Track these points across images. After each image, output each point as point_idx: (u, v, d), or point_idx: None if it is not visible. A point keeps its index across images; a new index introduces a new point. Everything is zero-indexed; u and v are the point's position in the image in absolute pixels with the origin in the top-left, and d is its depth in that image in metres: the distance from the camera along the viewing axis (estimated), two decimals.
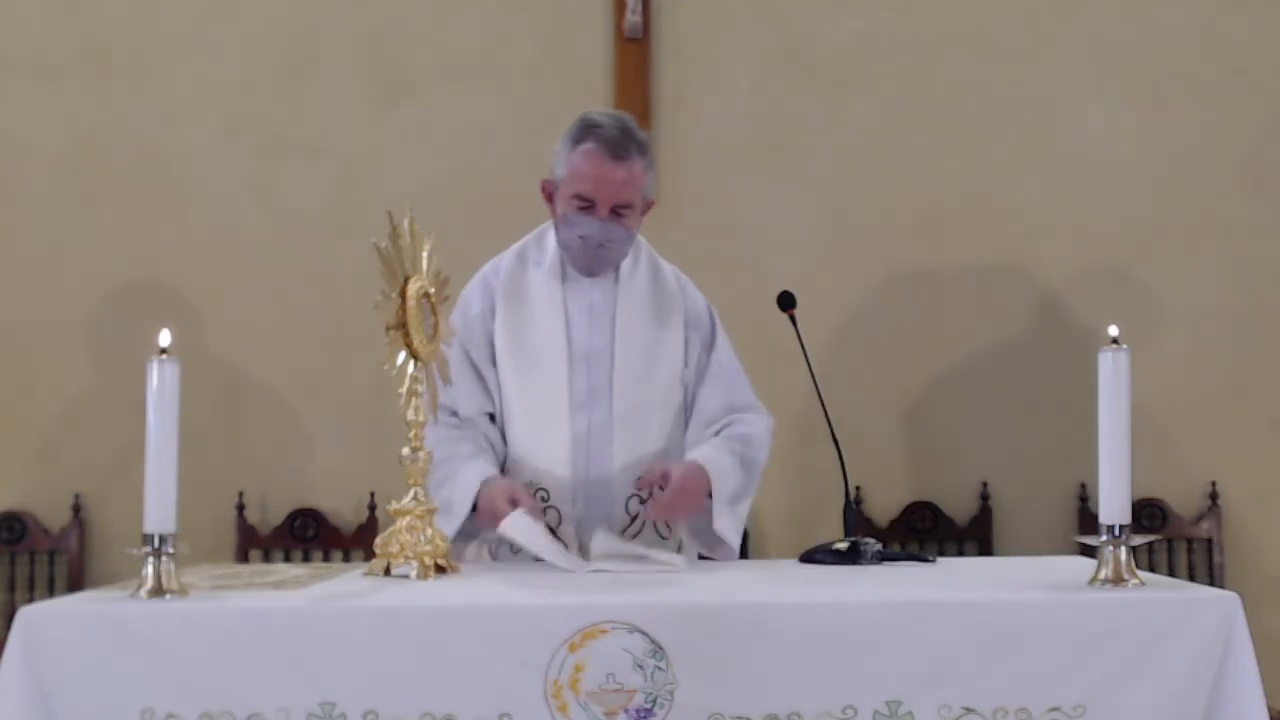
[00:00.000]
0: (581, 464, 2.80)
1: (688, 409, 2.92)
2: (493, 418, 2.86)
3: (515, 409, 2.83)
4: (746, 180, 4.42)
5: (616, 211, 2.78)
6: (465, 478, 2.72)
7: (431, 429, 2.60)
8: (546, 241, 2.94)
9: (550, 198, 2.87)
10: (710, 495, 2.75)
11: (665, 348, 2.89)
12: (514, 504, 2.63)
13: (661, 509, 2.72)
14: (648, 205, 2.88)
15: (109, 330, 4.29)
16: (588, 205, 2.78)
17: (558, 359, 2.82)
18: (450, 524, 2.67)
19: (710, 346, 2.96)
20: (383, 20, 4.44)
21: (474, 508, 2.70)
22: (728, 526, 2.79)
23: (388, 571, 2.42)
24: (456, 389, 2.78)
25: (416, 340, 2.46)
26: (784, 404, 4.19)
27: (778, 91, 4.44)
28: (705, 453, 2.78)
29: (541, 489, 2.78)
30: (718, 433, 2.87)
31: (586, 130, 2.78)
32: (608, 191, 2.76)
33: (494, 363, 2.85)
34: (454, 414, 2.84)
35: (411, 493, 2.47)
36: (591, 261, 2.85)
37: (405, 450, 2.49)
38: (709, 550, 2.87)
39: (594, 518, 2.77)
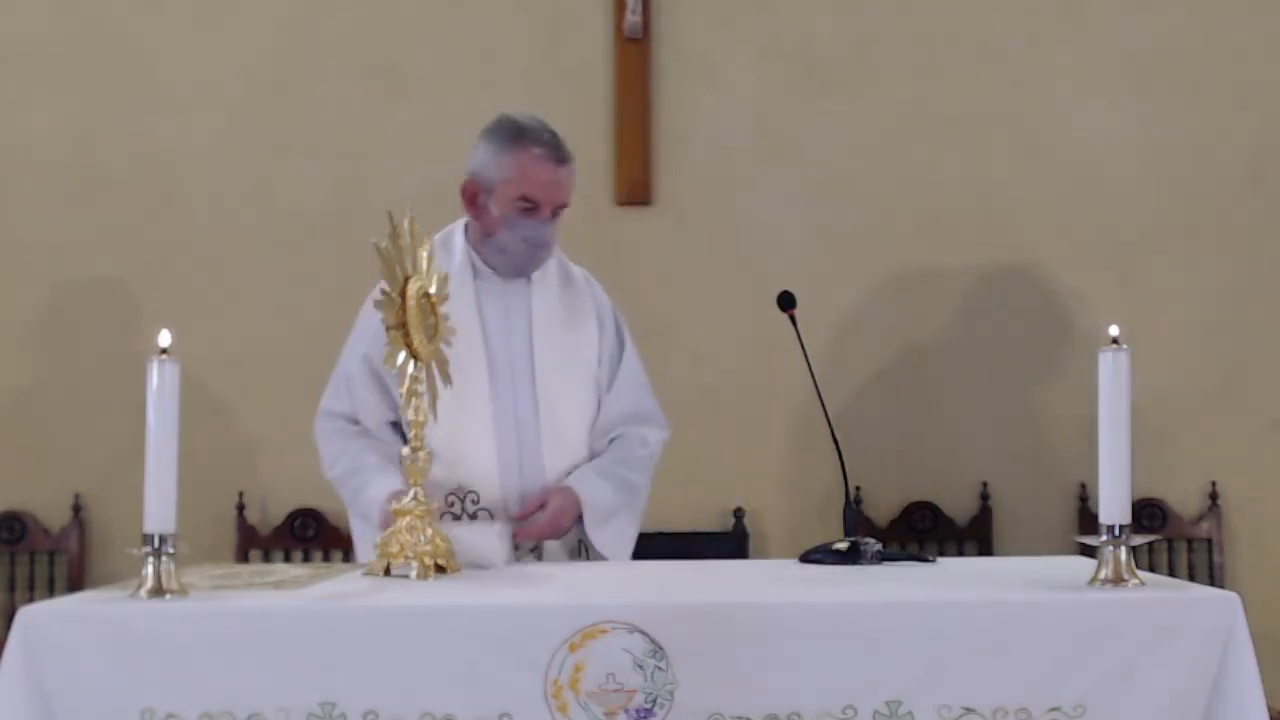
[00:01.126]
0: (511, 468, 2.83)
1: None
2: (395, 426, 2.85)
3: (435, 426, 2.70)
4: (746, 180, 4.42)
5: (554, 213, 2.86)
6: (374, 490, 2.74)
7: (333, 438, 2.71)
8: (453, 243, 2.94)
9: (473, 200, 2.89)
10: (581, 518, 2.82)
11: (580, 349, 2.94)
12: None
13: (528, 534, 2.78)
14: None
15: (109, 330, 4.29)
16: (532, 207, 2.82)
17: (477, 363, 2.83)
18: (369, 533, 2.69)
19: (618, 352, 3.00)
20: (383, 20, 4.44)
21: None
22: (606, 542, 2.86)
23: (388, 571, 2.42)
24: (358, 399, 2.84)
25: (416, 340, 2.46)
26: (784, 404, 4.24)
27: (778, 91, 4.44)
28: (580, 478, 2.84)
29: (472, 492, 2.80)
30: (610, 441, 2.93)
31: (522, 133, 2.84)
32: (553, 194, 2.83)
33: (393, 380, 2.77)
34: (354, 422, 2.87)
35: (411, 493, 2.47)
36: (527, 263, 2.88)
37: (405, 450, 2.49)
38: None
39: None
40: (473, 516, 2.78)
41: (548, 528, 2.78)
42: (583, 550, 2.91)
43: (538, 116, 2.92)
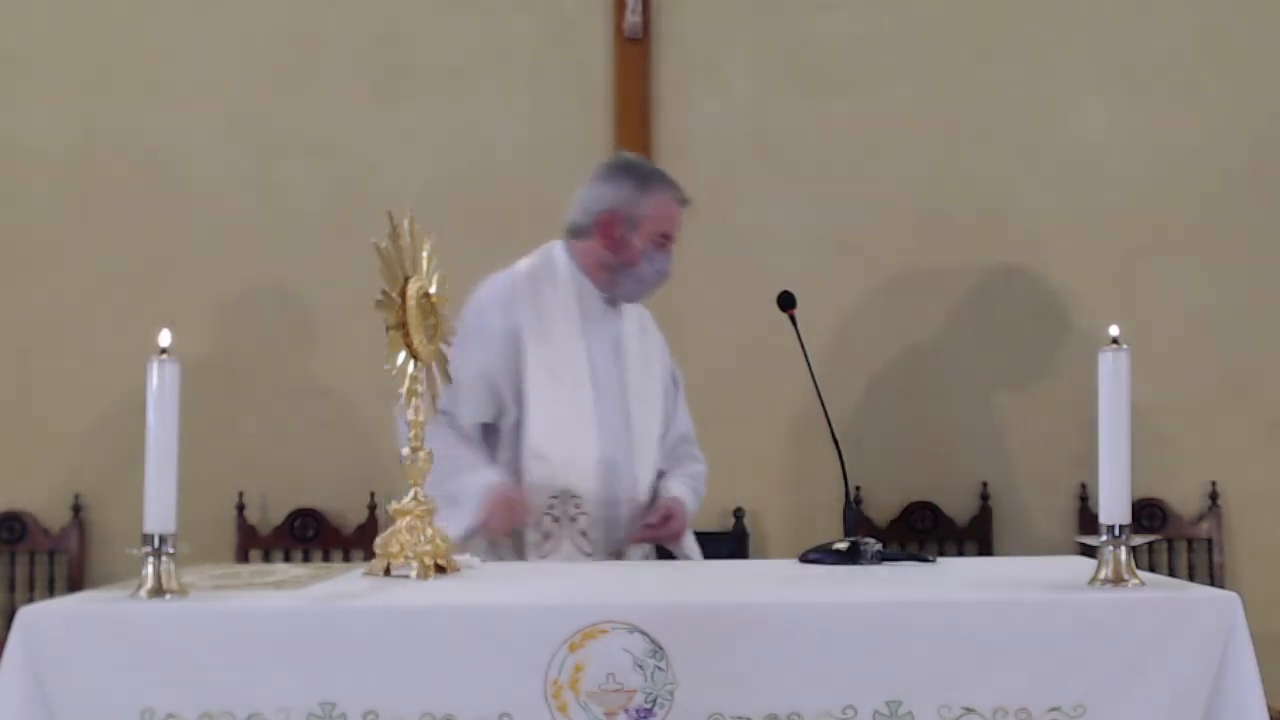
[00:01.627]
0: (609, 472, 3.05)
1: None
2: (486, 429, 3.06)
3: (540, 424, 3.02)
4: (746, 180, 4.42)
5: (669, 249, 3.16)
6: (474, 479, 2.93)
7: (432, 426, 2.65)
8: (555, 265, 3.16)
9: (611, 231, 3.10)
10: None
11: (654, 375, 3.22)
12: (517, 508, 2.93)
13: (658, 536, 3.09)
14: None
15: (109, 330, 4.29)
16: (665, 243, 3.13)
17: (581, 376, 3.07)
18: (458, 520, 2.82)
19: (677, 382, 3.32)
20: (383, 20, 4.44)
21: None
22: (691, 546, 3.17)
23: (388, 571, 2.42)
24: (461, 395, 2.91)
25: (416, 340, 2.46)
26: (784, 404, 4.23)
27: (778, 91, 4.44)
28: (678, 490, 3.16)
29: (576, 496, 3.00)
30: (679, 456, 3.27)
31: (660, 177, 3.18)
32: (677, 232, 3.16)
33: (513, 379, 3.03)
34: (451, 416, 2.97)
35: (411, 493, 2.47)
36: (650, 292, 3.19)
37: (405, 450, 2.49)
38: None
39: (614, 523, 3.05)
40: (572, 519, 2.99)
41: (669, 535, 3.08)
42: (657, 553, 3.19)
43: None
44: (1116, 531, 2.21)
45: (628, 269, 3.11)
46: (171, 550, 2.13)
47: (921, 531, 4.35)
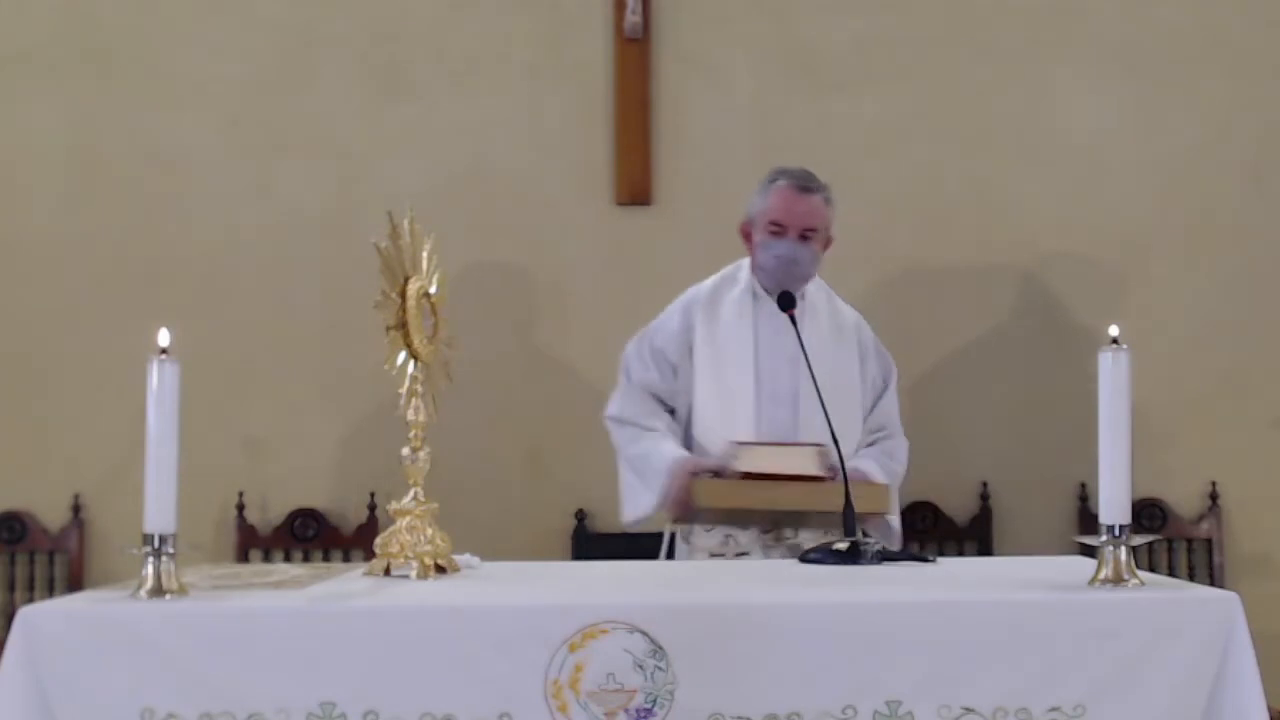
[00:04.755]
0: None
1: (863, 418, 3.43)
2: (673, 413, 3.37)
3: (706, 409, 3.30)
4: (746, 180, 4.39)
5: (804, 235, 3.32)
6: (663, 450, 3.26)
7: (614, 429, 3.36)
8: (739, 275, 3.44)
9: (748, 237, 3.40)
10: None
11: (839, 374, 3.33)
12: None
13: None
14: (828, 240, 3.39)
15: (109, 330, 4.29)
16: (780, 230, 3.32)
17: (745, 371, 3.30)
18: (637, 485, 3.27)
19: (888, 380, 3.51)
20: (383, 20, 4.43)
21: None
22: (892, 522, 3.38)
23: (388, 571, 2.42)
24: (643, 383, 3.37)
25: (416, 340, 2.47)
26: None
27: (778, 91, 4.43)
28: (867, 466, 3.28)
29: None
30: (873, 443, 3.42)
31: (778, 173, 3.39)
32: (796, 218, 3.32)
33: (683, 369, 3.35)
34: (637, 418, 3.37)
35: (411, 493, 2.47)
36: (784, 278, 3.31)
37: (405, 450, 2.49)
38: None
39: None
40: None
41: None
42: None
43: (806, 168, 3.41)
44: (1116, 531, 2.21)
45: (757, 265, 3.38)
46: (171, 550, 2.13)
47: (921, 531, 4.34)
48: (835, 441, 2.99)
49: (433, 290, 2.56)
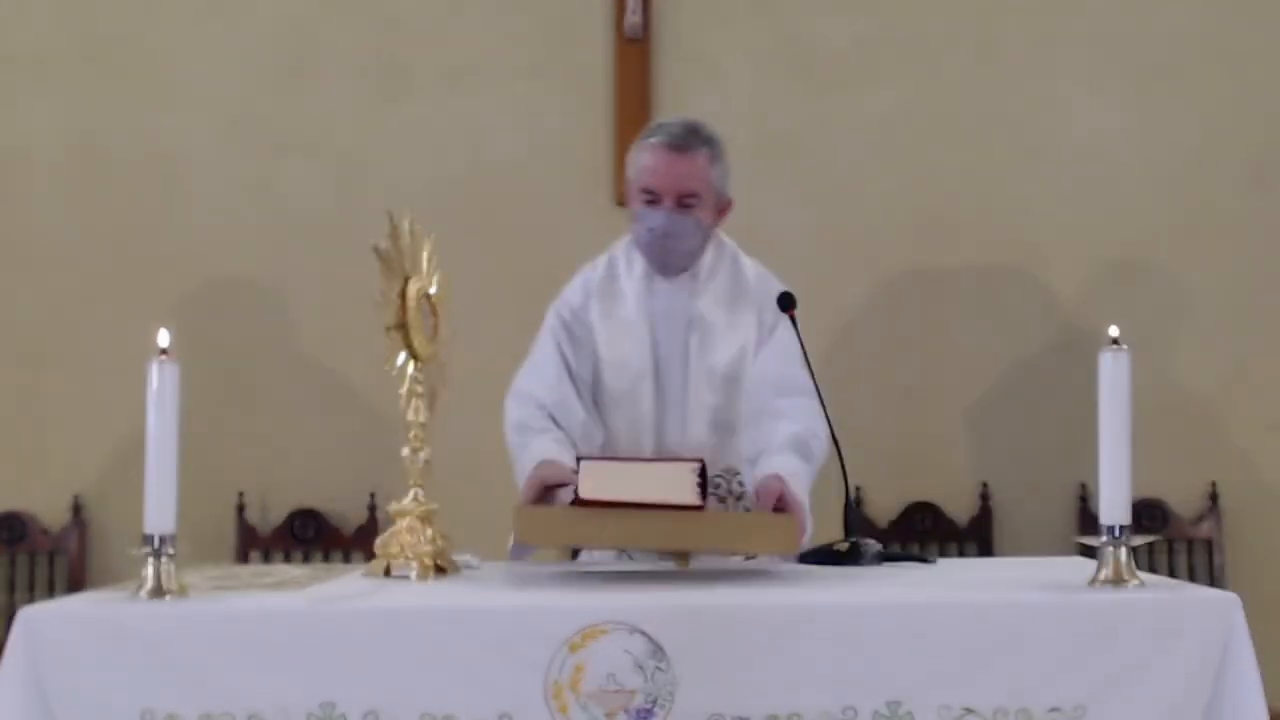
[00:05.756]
0: (661, 448, 2.89)
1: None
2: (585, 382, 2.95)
3: (603, 401, 2.94)
4: (746, 180, 4.39)
5: (682, 203, 2.85)
6: (529, 455, 2.80)
7: (510, 402, 2.91)
8: (633, 248, 3.00)
9: (628, 201, 2.96)
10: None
11: (740, 347, 2.94)
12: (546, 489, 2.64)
13: None
14: (724, 203, 2.95)
15: (110, 330, 4.29)
16: (653, 198, 2.85)
17: (643, 358, 2.91)
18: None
19: (772, 330, 2.95)
20: (383, 20, 4.44)
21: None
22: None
23: (388, 572, 2.42)
24: (542, 374, 2.94)
25: (416, 340, 2.47)
26: None
27: (778, 91, 4.43)
28: (782, 467, 2.75)
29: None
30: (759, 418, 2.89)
31: (652, 129, 2.92)
32: (670, 182, 2.83)
33: (585, 349, 2.95)
34: (539, 405, 2.91)
35: (411, 493, 2.47)
36: (661, 253, 2.91)
37: (405, 450, 2.49)
38: None
39: None
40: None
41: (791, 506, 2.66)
42: None
43: (688, 116, 2.97)
44: (1116, 532, 2.21)
45: (634, 237, 2.95)
46: (171, 550, 2.13)
47: (921, 532, 4.35)
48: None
49: (433, 290, 2.56)
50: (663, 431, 2.92)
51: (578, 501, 2.36)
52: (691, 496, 2.35)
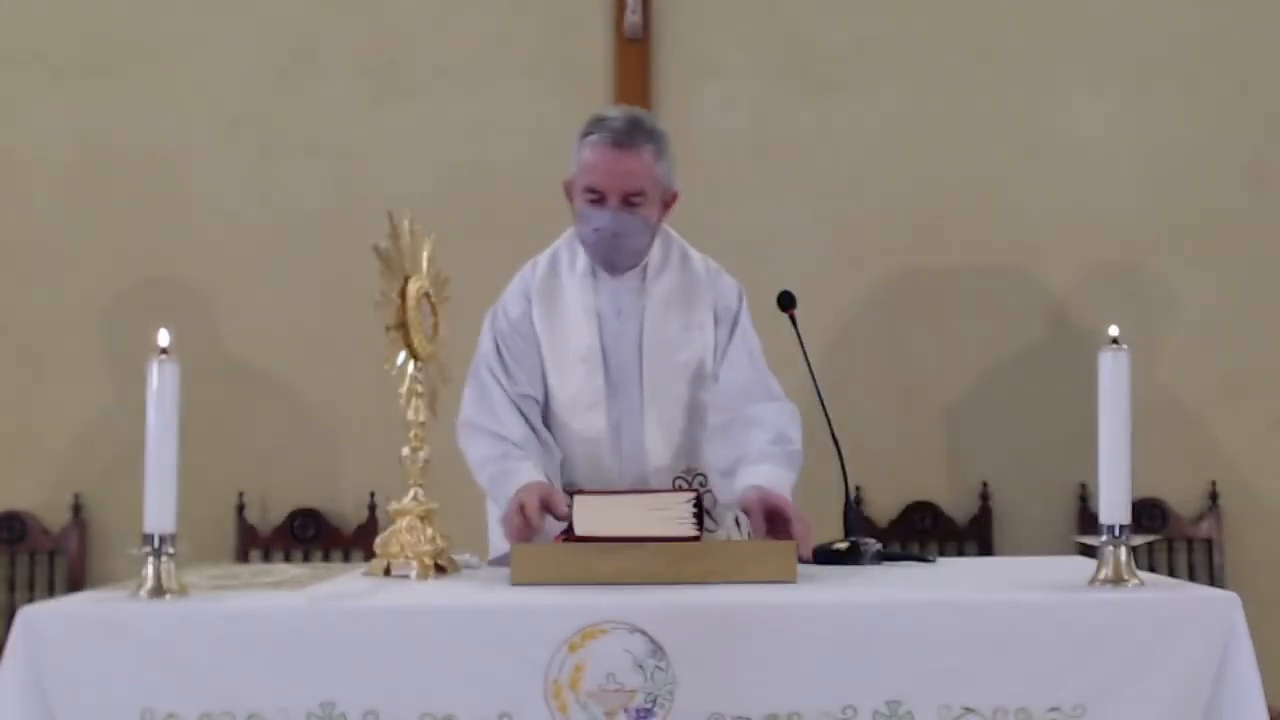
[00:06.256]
0: (615, 462, 2.84)
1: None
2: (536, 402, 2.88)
3: (554, 409, 2.87)
4: (746, 180, 4.42)
5: (628, 201, 2.77)
6: (507, 486, 2.71)
7: (467, 434, 2.80)
8: (577, 243, 2.92)
9: (571, 197, 2.86)
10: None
11: (692, 345, 2.88)
12: (527, 512, 2.57)
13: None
14: (669, 197, 2.86)
15: (109, 330, 4.29)
16: (598, 197, 2.77)
17: (590, 362, 2.85)
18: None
19: (733, 330, 2.92)
20: (383, 20, 4.44)
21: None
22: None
23: (388, 572, 2.42)
24: (492, 408, 2.83)
25: (416, 340, 2.47)
26: None
27: (778, 91, 4.43)
28: (762, 479, 2.71)
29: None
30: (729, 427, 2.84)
31: (593, 124, 2.80)
32: (615, 181, 2.75)
33: (528, 362, 2.87)
34: (499, 438, 2.81)
35: (411, 493, 2.47)
36: (609, 254, 2.84)
37: (405, 450, 2.49)
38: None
39: None
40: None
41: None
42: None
43: (630, 108, 2.90)
44: (1116, 531, 2.21)
45: (579, 236, 2.87)
46: (171, 550, 2.13)
47: (921, 531, 4.35)
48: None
49: (432, 290, 2.56)
50: (619, 434, 2.86)
51: (573, 537, 2.37)
52: (688, 528, 2.36)
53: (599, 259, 2.87)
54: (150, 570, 2.12)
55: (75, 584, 4.23)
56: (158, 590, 2.11)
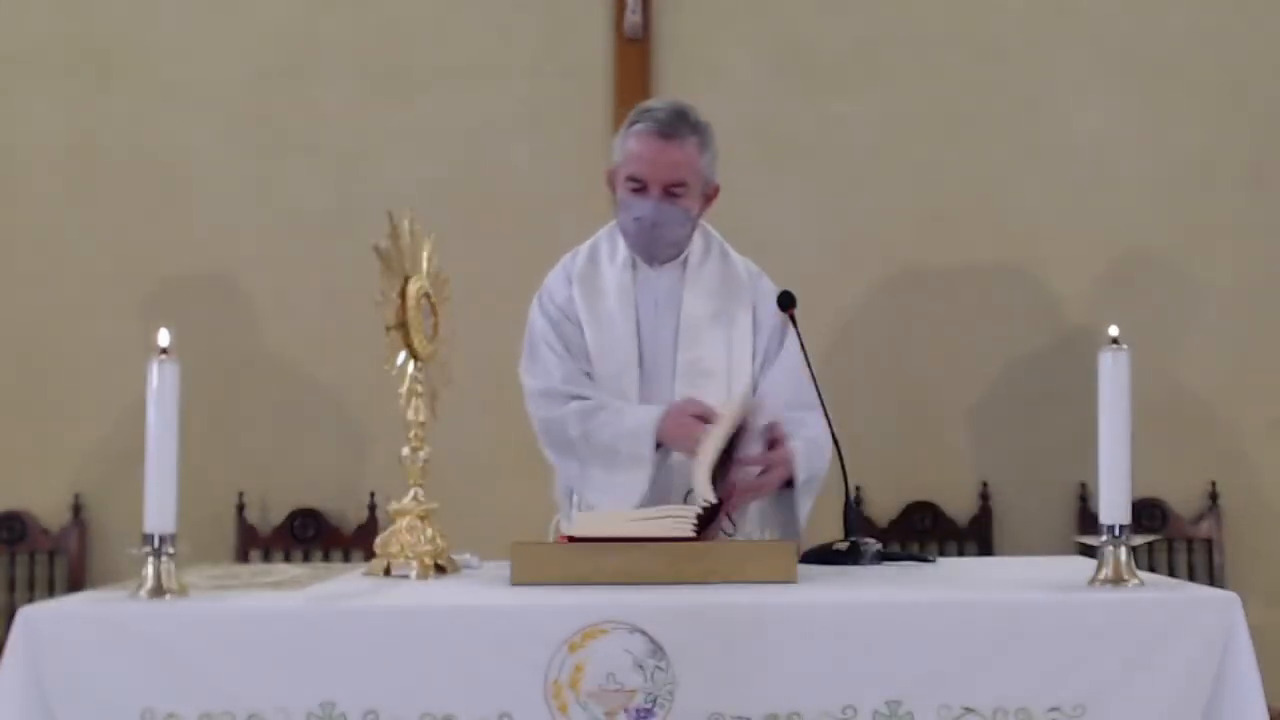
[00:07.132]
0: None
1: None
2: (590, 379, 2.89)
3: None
4: (746, 180, 4.40)
5: (670, 191, 2.79)
6: (634, 416, 2.74)
7: (549, 407, 2.81)
8: (618, 233, 2.94)
9: (612, 190, 2.89)
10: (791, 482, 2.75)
11: (729, 343, 2.90)
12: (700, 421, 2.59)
13: (754, 490, 2.69)
14: (711, 190, 2.89)
15: (109, 330, 4.29)
16: (640, 186, 2.79)
17: (629, 351, 2.86)
18: (629, 475, 2.71)
19: (781, 341, 2.93)
20: (383, 20, 4.44)
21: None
22: (804, 510, 2.82)
23: (387, 572, 2.42)
24: (554, 373, 2.85)
25: (416, 340, 2.47)
26: None
27: (778, 92, 4.43)
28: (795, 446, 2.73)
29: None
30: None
31: (639, 114, 2.83)
32: (658, 171, 2.77)
33: (575, 343, 2.89)
34: (572, 396, 2.84)
35: (411, 493, 2.47)
36: (648, 244, 2.86)
37: (405, 450, 2.49)
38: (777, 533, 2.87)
39: (665, 487, 2.75)
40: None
41: (781, 477, 2.67)
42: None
43: (676, 99, 2.91)
44: (1116, 531, 2.21)
45: (620, 226, 2.90)
46: (171, 550, 2.13)
47: (921, 531, 4.35)
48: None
49: (432, 290, 2.56)
50: None
51: (573, 538, 2.40)
52: (687, 530, 2.37)
53: (638, 248, 2.89)
54: (150, 570, 2.12)
55: (75, 584, 4.23)
56: (158, 590, 2.12)
